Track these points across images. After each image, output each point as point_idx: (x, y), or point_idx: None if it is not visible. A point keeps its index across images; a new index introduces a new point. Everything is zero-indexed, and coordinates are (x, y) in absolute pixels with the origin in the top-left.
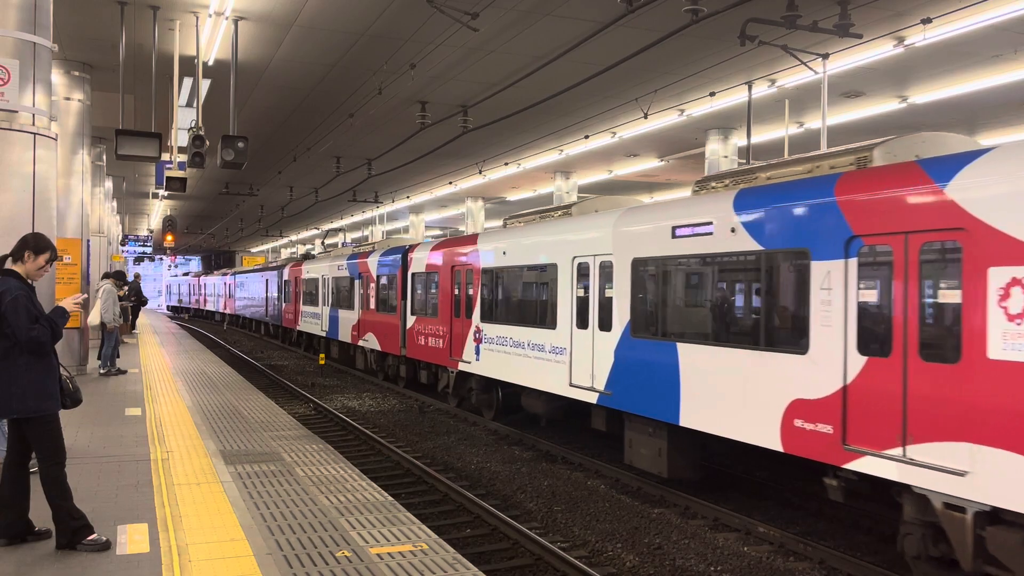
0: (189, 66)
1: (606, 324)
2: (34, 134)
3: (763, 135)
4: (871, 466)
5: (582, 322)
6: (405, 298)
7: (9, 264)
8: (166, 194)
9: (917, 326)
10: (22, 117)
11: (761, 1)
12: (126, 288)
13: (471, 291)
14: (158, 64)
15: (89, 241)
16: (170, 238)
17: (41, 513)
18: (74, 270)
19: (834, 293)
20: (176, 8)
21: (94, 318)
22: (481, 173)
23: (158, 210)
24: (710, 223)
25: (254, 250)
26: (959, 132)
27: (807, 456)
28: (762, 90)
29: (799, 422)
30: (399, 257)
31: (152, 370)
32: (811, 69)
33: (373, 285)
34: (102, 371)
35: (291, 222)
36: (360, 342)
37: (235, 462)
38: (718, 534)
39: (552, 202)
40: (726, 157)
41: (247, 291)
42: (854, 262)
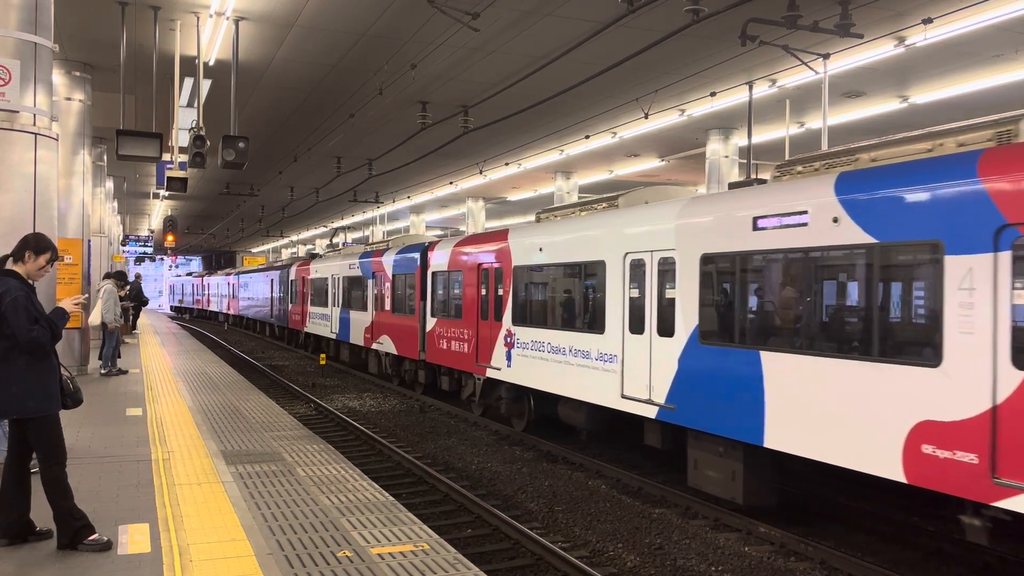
0: (190, 66)
1: (667, 329)
2: (35, 134)
3: (764, 135)
4: None
5: (636, 326)
6: (424, 299)
7: (10, 264)
8: (167, 194)
9: None
10: (23, 117)
11: (762, 1)
12: (127, 288)
13: (501, 292)
14: (159, 64)
15: (90, 241)
16: (171, 238)
17: (42, 513)
18: (75, 270)
19: (977, 294)
20: (177, 8)
21: (95, 318)
22: (482, 173)
23: (159, 210)
24: (804, 212)
25: (255, 250)
26: None
27: (941, 490)
28: (763, 90)
29: (928, 448)
30: (417, 255)
31: (153, 370)
32: (812, 69)
33: (388, 285)
34: (103, 371)
35: (292, 222)
36: (374, 345)
37: (236, 462)
38: (719, 534)
39: (552, 202)
40: (727, 157)
41: (252, 291)
42: (1006, 256)
